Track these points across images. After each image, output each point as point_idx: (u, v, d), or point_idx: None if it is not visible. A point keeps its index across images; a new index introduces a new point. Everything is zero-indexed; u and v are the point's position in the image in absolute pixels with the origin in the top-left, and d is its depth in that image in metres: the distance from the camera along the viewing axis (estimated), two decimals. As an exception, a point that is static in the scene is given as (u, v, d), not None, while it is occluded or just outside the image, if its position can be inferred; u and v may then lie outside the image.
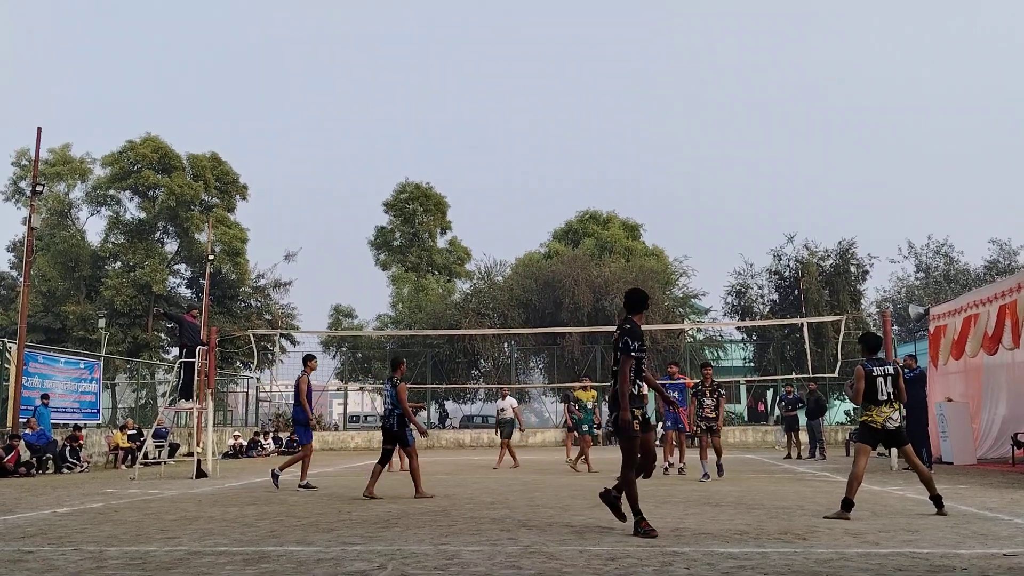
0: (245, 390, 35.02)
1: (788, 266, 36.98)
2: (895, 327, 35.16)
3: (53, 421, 19.54)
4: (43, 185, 22.55)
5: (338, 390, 40.21)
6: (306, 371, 12.35)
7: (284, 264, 62.77)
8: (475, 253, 48.51)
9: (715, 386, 13.49)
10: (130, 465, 17.96)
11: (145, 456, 16.69)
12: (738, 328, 38.04)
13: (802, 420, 21.22)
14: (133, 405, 29.60)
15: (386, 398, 10.88)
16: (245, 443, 25.47)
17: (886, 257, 53.57)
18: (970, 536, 6.50)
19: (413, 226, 45.95)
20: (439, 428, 35.01)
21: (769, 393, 36.13)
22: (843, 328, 18.68)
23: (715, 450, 13.30)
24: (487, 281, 39.13)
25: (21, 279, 25.23)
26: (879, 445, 8.68)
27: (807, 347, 19.98)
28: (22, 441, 17.08)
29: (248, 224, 42.51)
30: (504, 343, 36.53)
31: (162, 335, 40.16)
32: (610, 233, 43.51)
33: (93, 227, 70.74)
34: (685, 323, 36.87)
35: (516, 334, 33.65)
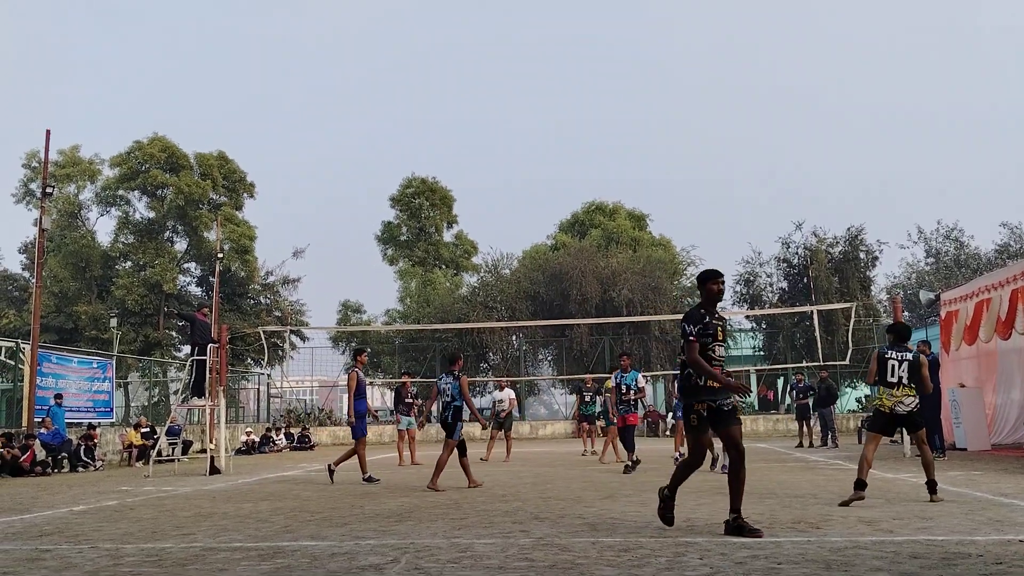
0: (256, 387, 35.18)
1: (797, 254, 36.85)
2: (906, 313, 35.00)
3: (67, 420, 19.66)
4: (53, 187, 22.67)
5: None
6: (356, 365, 12.34)
7: (292, 261, 62.79)
8: (482, 246, 48.60)
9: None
10: (144, 463, 18.07)
11: (159, 454, 16.78)
12: (747, 317, 37.95)
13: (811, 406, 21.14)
14: (146, 403, 29.76)
15: (446, 391, 10.97)
16: (257, 439, 25.57)
17: (896, 243, 53.29)
18: (985, 523, 6.47)
19: (420, 220, 45.95)
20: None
21: (780, 382, 36.05)
22: (853, 315, 18.66)
23: (721, 441, 13.06)
24: (494, 274, 39.14)
25: (33, 280, 25.36)
26: (894, 432, 8.66)
27: (817, 335, 19.92)
28: (37, 441, 17.20)
29: (256, 222, 42.79)
30: (512, 336, 36.55)
31: (173, 333, 40.36)
32: (616, 224, 43.42)
33: (103, 227, 71.23)
34: (694, 313, 36.77)
35: (524, 326, 33.68)
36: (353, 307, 43.60)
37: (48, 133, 19.86)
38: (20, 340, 21.50)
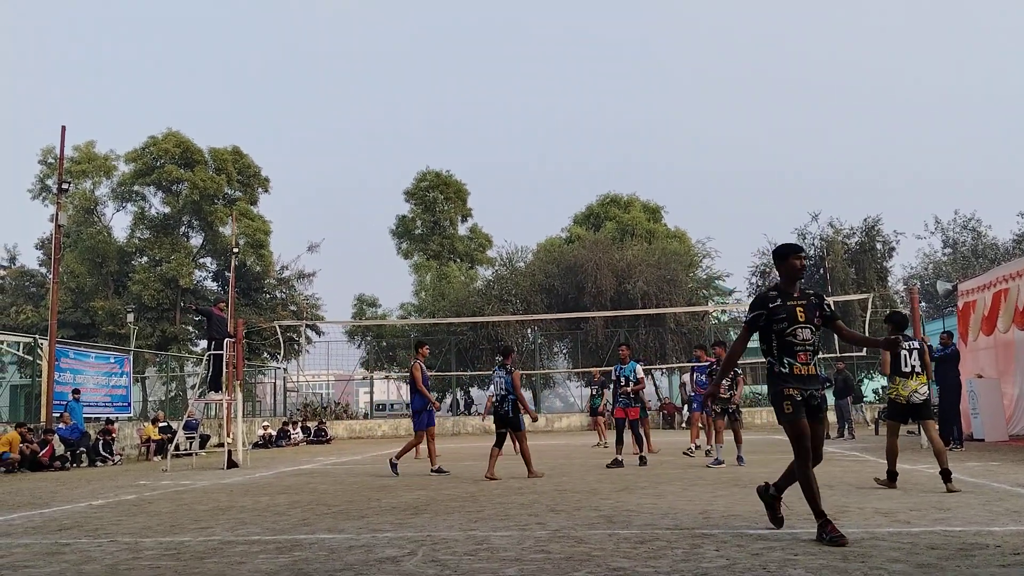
0: (273, 381, 35.39)
1: (813, 244, 36.66)
2: (923, 304, 34.78)
3: (85, 415, 19.84)
4: (69, 183, 22.82)
5: (364, 379, 40.46)
6: (418, 357, 12.38)
7: (307, 255, 63.16)
8: (496, 240, 48.58)
9: None
10: (162, 457, 18.20)
11: (176, 448, 16.90)
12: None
13: (829, 399, 21.10)
14: (163, 398, 29.99)
15: (499, 384, 11.13)
16: (274, 433, 25.73)
17: (912, 233, 53.08)
18: (1003, 513, 6.43)
19: (434, 214, 46.00)
20: (465, 415, 35.16)
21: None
22: (870, 306, 18.55)
23: (734, 436, 12.81)
24: (509, 267, 39.15)
25: (50, 276, 25.57)
26: (909, 420, 8.69)
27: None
28: (56, 436, 17.36)
29: (271, 216, 42.91)
30: (527, 329, 36.57)
31: (190, 328, 40.63)
32: (631, 216, 43.31)
33: (119, 223, 71.42)
34: (709, 305, 36.70)
35: (539, 320, 33.68)
36: (368, 301, 43.75)
37: (63, 129, 20.00)
38: (38, 336, 21.70)
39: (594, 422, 20.41)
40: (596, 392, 20.01)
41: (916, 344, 8.51)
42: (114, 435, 19.07)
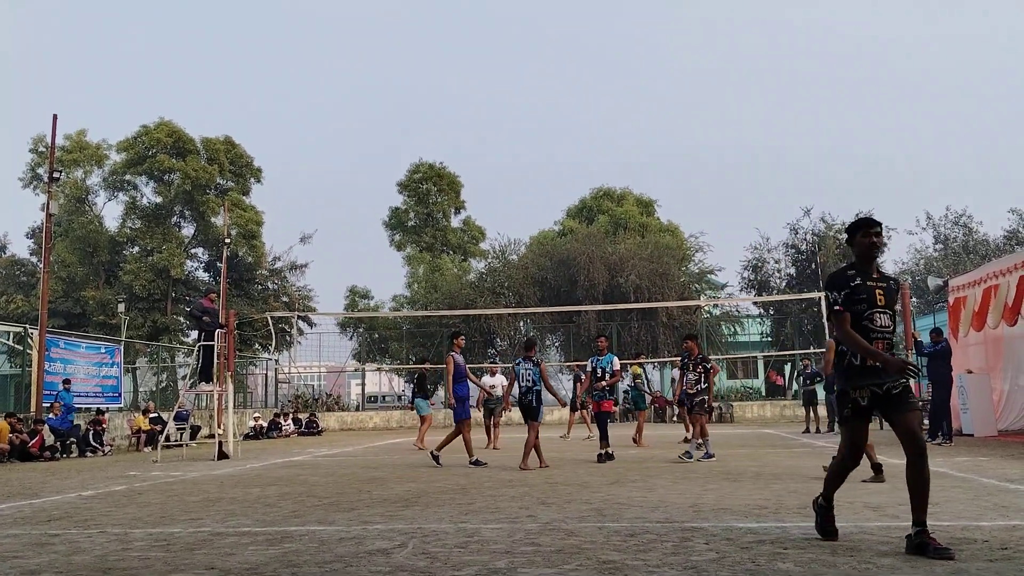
0: (264, 372, 35.32)
1: (805, 239, 36.76)
2: (914, 299, 34.88)
3: (75, 405, 19.77)
4: (60, 172, 22.70)
5: (356, 371, 40.45)
6: (454, 348, 12.36)
7: (300, 246, 63.00)
8: (489, 232, 48.61)
9: (699, 360, 12.68)
10: (153, 448, 18.16)
11: (167, 439, 16.87)
12: (755, 303, 37.92)
13: (820, 394, 21.17)
14: (154, 388, 29.92)
15: (526, 376, 11.39)
16: (265, 424, 25.68)
17: (904, 229, 53.02)
18: (991, 508, 6.47)
19: (427, 206, 45.91)
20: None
21: (787, 368, 36.03)
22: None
23: (693, 426, 12.56)
24: (502, 260, 39.13)
25: (41, 265, 25.46)
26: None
27: (825, 321, 19.86)
28: (46, 426, 17.30)
29: (263, 207, 42.77)
30: (520, 321, 36.57)
31: (181, 319, 40.50)
32: (624, 210, 43.32)
33: (110, 212, 71.14)
34: (701, 299, 36.77)
35: (532, 312, 33.68)
36: (361, 293, 43.68)
37: (55, 118, 19.89)
38: (28, 325, 21.60)
39: (580, 416, 20.28)
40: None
41: None
42: (104, 425, 19.02)
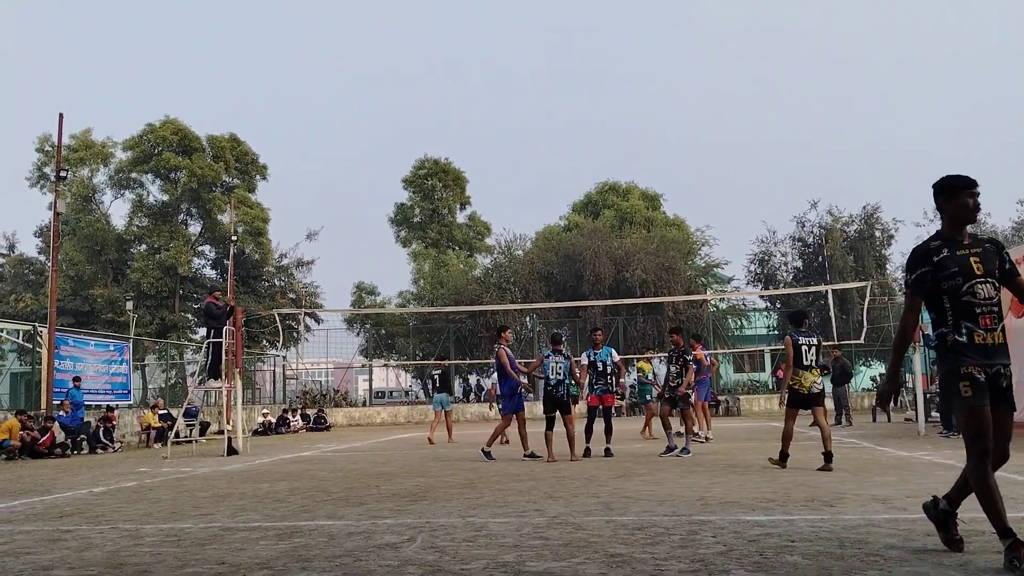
0: (272, 368, 35.43)
1: (812, 232, 36.68)
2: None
3: (85, 403, 19.88)
4: (67, 170, 22.78)
5: (363, 366, 40.54)
6: (501, 342, 12.39)
7: (306, 243, 63.10)
8: (495, 227, 48.55)
9: (680, 353, 12.47)
10: (163, 444, 18.25)
11: (176, 435, 16.95)
12: (761, 296, 37.84)
13: (827, 387, 21.14)
14: (163, 385, 30.04)
15: (556, 370, 11.55)
16: (274, 420, 25.78)
17: (912, 221, 52.99)
18: (999, 500, 6.45)
19: (432, 202, 45.95)
20: (464, 402, 35.23)
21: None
22: (868, 294, 18.58)
23: (686, 421, 12.30)
24: (508, 255, 39.14)
25: (49, 264, 25.57)
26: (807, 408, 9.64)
27: (832, 314, 19.87)
28: (56, 423, 17.40)
29: (269, 204, 42.83)
30: (526, 317, 36.59)
31: (189, 316, 40.64)
32: (630, 204, 43.28)
33: (117, 210, 71.40)
34: (708, 293, 36.73)
35: (538, 308, 33.71)
36: (367, 289, 43.78)
37: (61, 117, 19.98)
38: (37, 324, 21.72)
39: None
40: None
41: (814, 340, 9.46)
42: (114, 422, 19.12)
